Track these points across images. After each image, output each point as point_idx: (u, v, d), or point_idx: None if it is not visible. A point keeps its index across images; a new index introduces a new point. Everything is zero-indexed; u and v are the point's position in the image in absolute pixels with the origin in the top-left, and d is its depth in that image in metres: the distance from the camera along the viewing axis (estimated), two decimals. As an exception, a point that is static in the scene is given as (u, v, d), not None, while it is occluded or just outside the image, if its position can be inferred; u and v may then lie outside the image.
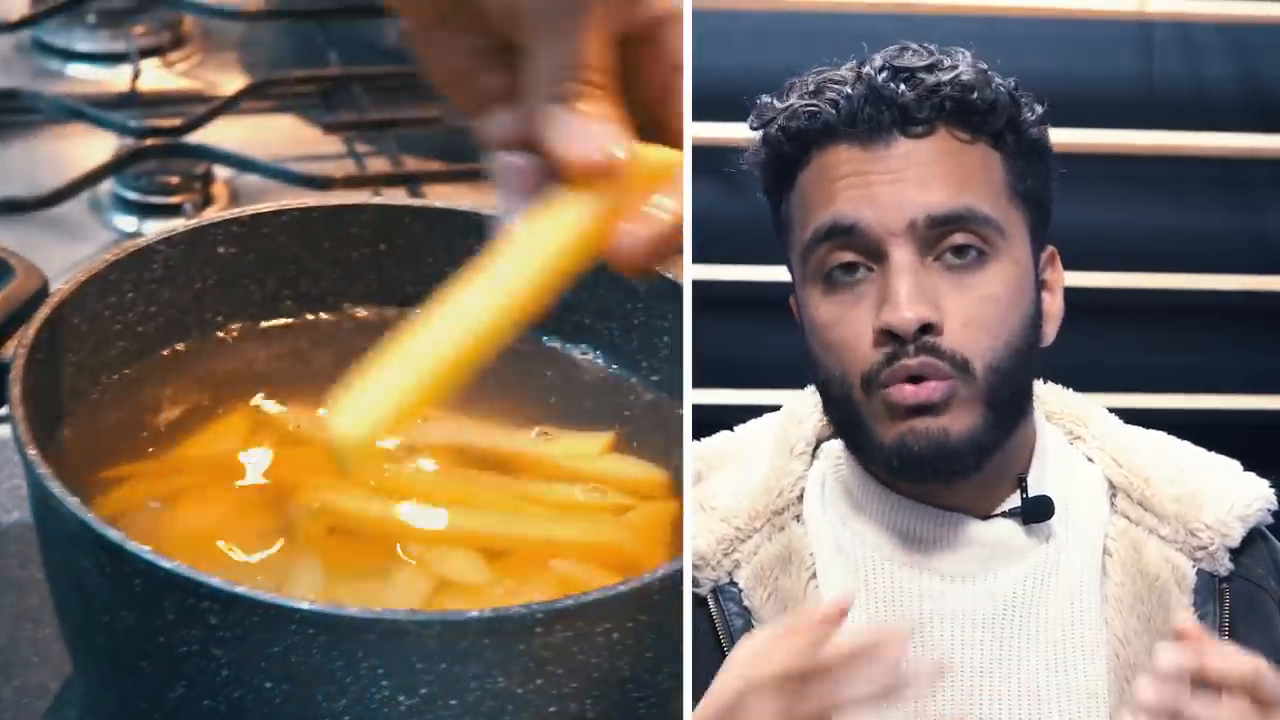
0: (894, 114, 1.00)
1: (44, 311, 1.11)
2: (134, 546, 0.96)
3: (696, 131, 1.50)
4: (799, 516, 1.05)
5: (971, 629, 1.01)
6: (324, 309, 1.26)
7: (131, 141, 1.66)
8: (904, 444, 0.99)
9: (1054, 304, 1.05)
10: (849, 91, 1.00)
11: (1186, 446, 1.08)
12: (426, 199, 1.60)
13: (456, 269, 1.26)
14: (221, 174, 1.66)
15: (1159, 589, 1.02)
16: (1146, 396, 1.56)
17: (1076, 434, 1.08)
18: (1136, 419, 1.09)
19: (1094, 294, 1.58)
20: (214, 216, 1.23)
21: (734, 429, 1.10)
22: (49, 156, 1.70)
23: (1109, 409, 1.10)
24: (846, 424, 1.02)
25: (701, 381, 1.26)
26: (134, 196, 1.62)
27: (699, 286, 1.25)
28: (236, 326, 1.24)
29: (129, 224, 1.60)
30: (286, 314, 1.25)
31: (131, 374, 1.19)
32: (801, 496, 1.06)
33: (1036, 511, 1.03)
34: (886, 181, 0.99)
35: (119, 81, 1.81)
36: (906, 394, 0.98)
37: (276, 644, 0.96)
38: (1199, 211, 1.67)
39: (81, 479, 1.10)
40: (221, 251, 1.22)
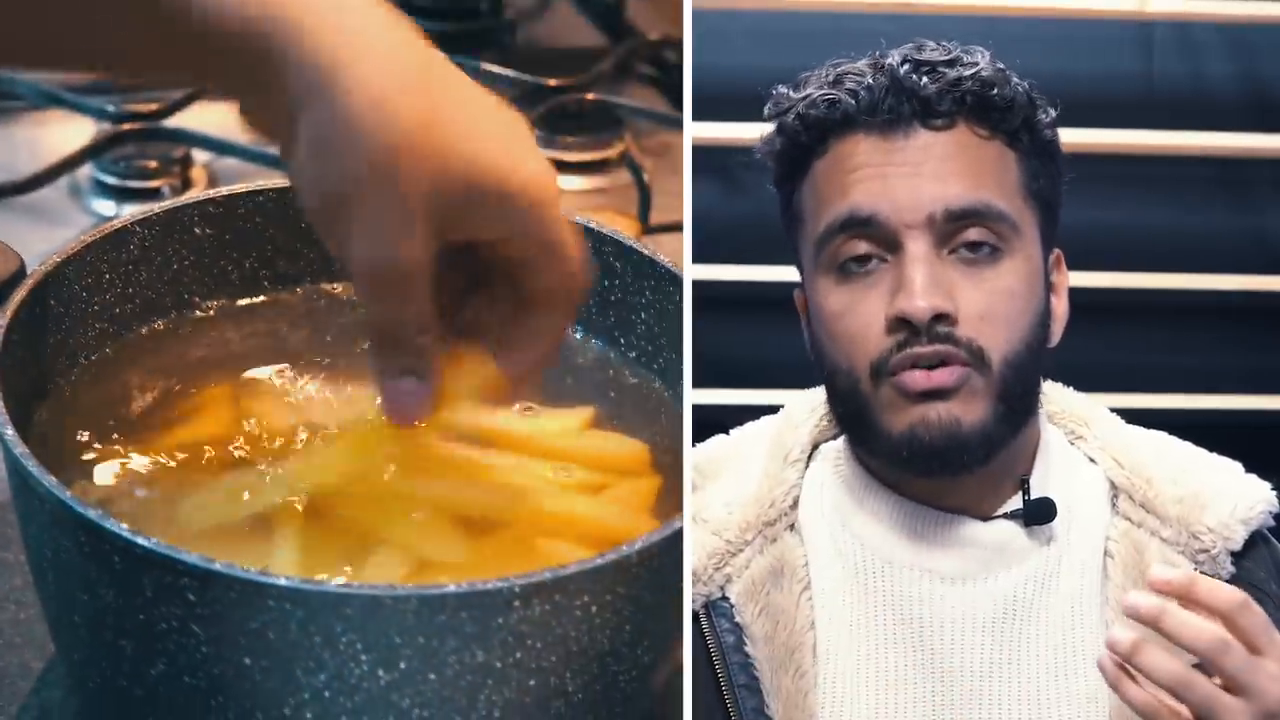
0: (915, 105, 1.00)
1: (20, 293, 1.11)
2: (112, 524, 0.96)
3: (696, 131, 1.51)
4: (793, 525, 1.05)
5: (972, 632, 1.02)
6: (300, 287, 1.26)
7: (109, 126, 1.66)
8: (914, 434, 0.99)
9: (1060, 306, 1.05)
10: (869, 82, 1.01)
11: (1189, 447, 1.08)
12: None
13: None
14: (200, 158, 1.66)
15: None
16: (1146, 396, 1.56)
17: (1079, 434, 1.08)
18: (1137, 419, 1.09)
19: (1094, 294, 1.58)
20: (190, 197, 1.23)
21: (730, 432, 1.10)
22: (27, 142, 1.71)
23: (1109, 409, 1.10)
24: (853, 417, 1.02)
25: (701, 381, 1.27)
26: (112, 181, 1.62)
27: (699, 287, 1.26)
28: (214, 306, 1.24)
29: (108, 208, 1.60)
30: (264, 293, 1.25)
31: (109, 354, 1.19)
32: (796, 504, 1.05)
33: (1039, 514, 1.03)
34: (905, 174, 1.00)
35: (97, 67, 1.80)
36: (919, 379, 0.98)
37: (255, 620, 0.96)
38: (1199, 211, 1.67)
39: (60, 460, 1.10)
40: (198, 232, 1.22)
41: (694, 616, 1.03)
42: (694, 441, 1.09)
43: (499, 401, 1.09)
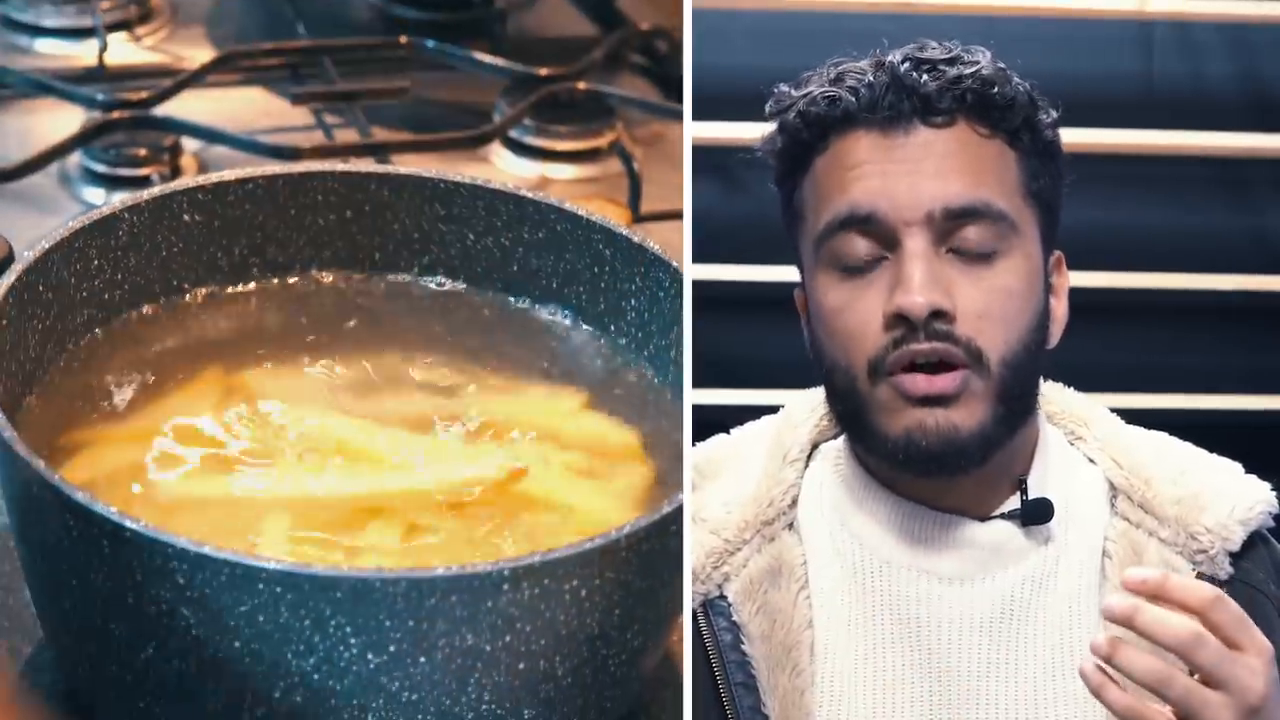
0: (915, 103, 1.00)
1: (9, 279, 1.11)
2: (101, 507, 0.97)
3: (696, 131, 1.51)
4: (791, 524, 1.04)
5: (970, 632, 1.01)
6: (290, 275, 1.26)
7: (99, 115, 1.65)
8: (911, 438, 0.99)
9: (1059, 308, 1.05)
10: (870, 79, 1.01)
11: (1188, 448, 1.08)
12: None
13: (422, 235, 1.27)
14: (190, 146, 1.66)
15: None
16: (1146, 396, 1.56)
17: (1078, 434, 1.07)
18: (1137, 419, 1.09)
19: (1094, 294, 1.58)
20: (180, 184, 1.23)
21: (730, 431, 1.10)
22: (16, 130, 1.70)
23: (1109, 409, 1.10)
24: (851, 416, 1.02)
25: (701, 381, 1.27)
26: (102, 169, 1.62)
27: (699, 287, 1.26)
28: (203, 293, 1.24)
29: (97, 196, 1.60)
30: (253, 280, 1.25)
31: (98, 340, 1.19)
32: (795, 503, 1.05)
33: (1036, 514, 1.02)
34: (905, 171, 1.00)
35: (86, 56, 1.80)
36: (919, 384, 0.98)
37: (244, 603, 0.96)
38: (1199, 211, 1.67)
39: (48, 444, 1.10)
40: (187, 219, 1.22)
41: (691, 615, 1.03)
42: (693, 441, 1.09)
43: None
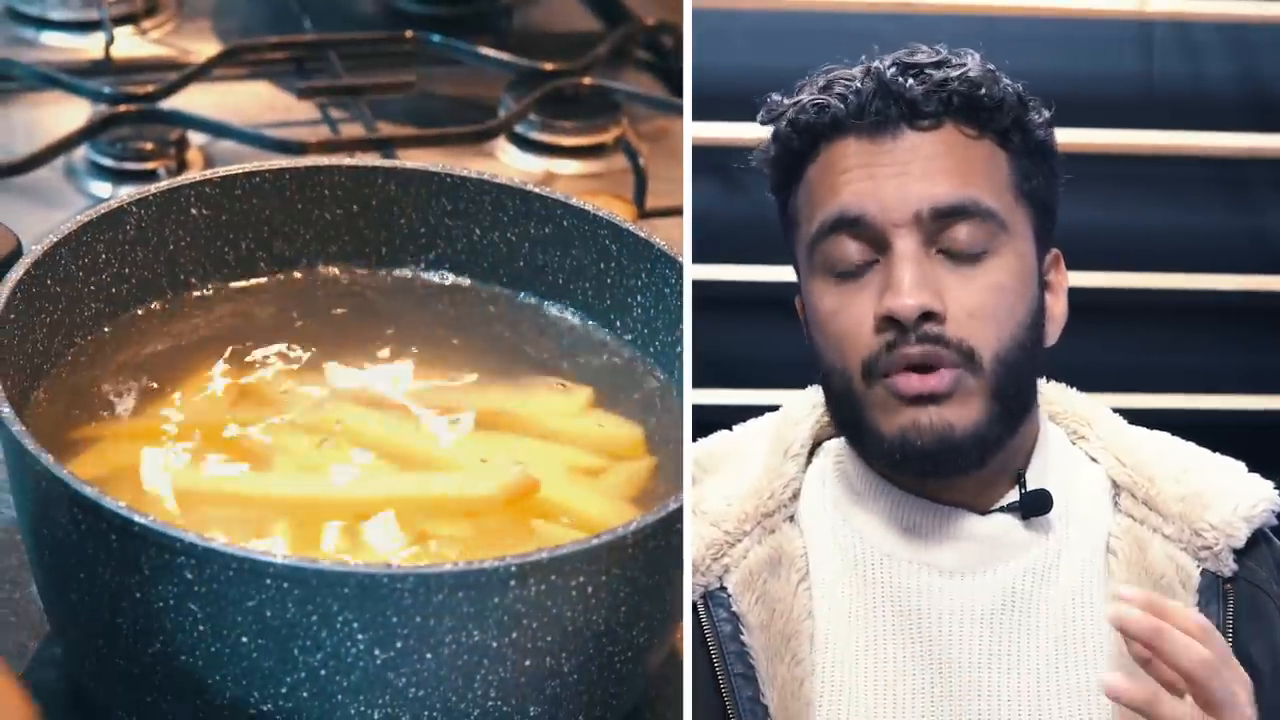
0: (901, 108, 1.00)
1: (16, 273, 1.12)
2: (109, 502, 0.97)
3: (696, 131, 1.51)
4: (792, 517, 1.05)
5: (970, 624, 1.01)
6: (297, 269, 1.26)
7: (105, 108, 1.65)
8: (906, 438, 0.99)
9: (1058, 306, 1.05)
10: (858, 86, 1.01)
11: (1191, 447, 1.08)
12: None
13: (428, 229, 1.27)
14: (196, 140, 1.66)
15: (1163, 588, 1.02)
16: (1147, 396, 1.56)
17: (1080, 434, 1.08)
18: (1138, 419, 1.09)
19: (1094, 294, 1.58)
20: (187, 178, 1.23)
21: (732, 428, 1.10)
22: (24, 123, 1.70)
23: (1110, 409, 1.09)
24: (847, 417, 1.02)
25: (701, 381, 1.27)
26: (108, 162, 1.62)
27: (699, 286, 1.26)
28: (210, 286, 1.24)
29: (103, 190, 1.60)
30: (260, 274, 1.25)
31: (105, 335, 1.19)
32: (796, 497, 1.05)
33: (1034, 505, 1.03)
34: (892, 173, 1.00)
35: (93, 49, 1.80)
36: (913, 383, 0.98)
37: (251, 598, 0.96)
38: (1199, 211, 1.67)
39: (57, 439, 1.10)
40: (194, 212, 1.23)
41: (691, 606, 1.03)
42: (694, 441, 1.09)
43: None
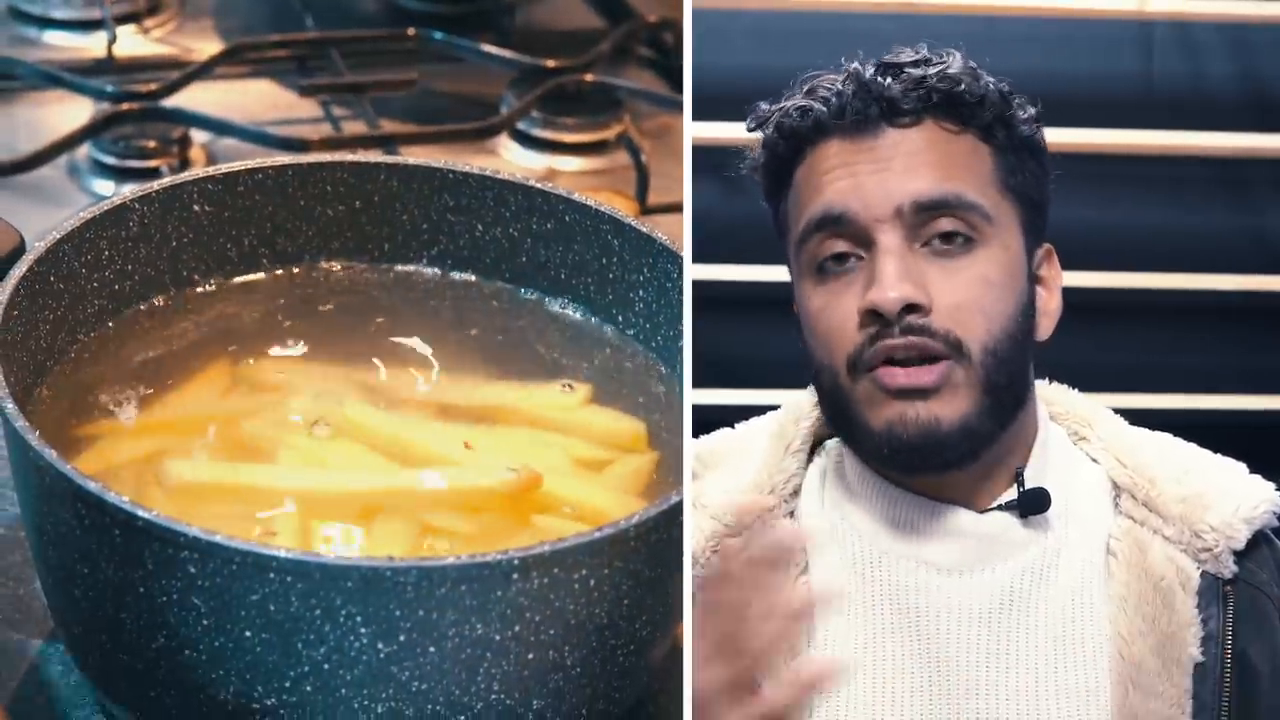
0: (881, 106, 1.01)
1: (20, 269, 1.12)
2: (113, 497, 0.97)
3: (696, 131, 1.51)
4: (792, 513, 1.05)
5: (968, 622, 1.01)
6: (299, 265, 1.26)
7: (108, 106, 1.66)
8: (892, 431, 0.99)
9: (1051, 301, 1.05)
10: (839, 88, 1.02)
11: (1192, 448, 1.08)
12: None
13: (431, 225, 1.28)
14: (199, 138, 1.66)
15: (1163, 590, 1.02)
16: (1147, 396, 1.56)
17: (1081, 434, 1.08)
18: (1138, 419, 1.09)
19: (1094, 294, 1.57)
20: (190, 174, 1.23)
21: (734, 426, 1.11)
22: (27, 122, 1.71)
23: (1110, 409, 1.09)
24: (837, 413, 1.02)
25: (701, 381, 1.27)
26: (111, 160, 1.62)
27: (699, 286, 1.26)
28: (213, 283, 1.24)
29: (106, 188, 1.60)
30: (262, 270, 1.25)
31: (109, 331, 1.19)
32: (796, 493, 1.06)
33: (1032, 504, 1.02)
34: (874, 170, 1.00)
35: (96, 48, 1.81)
36: (898, 377, 0.98)
37: (255, 592, 0.96)
38: (1199, 211, 1.67)
39: (60, 435, 1.10)
40: (197, 209, 1.23)
41: (692, 598, 1.03)
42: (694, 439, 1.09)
43: None
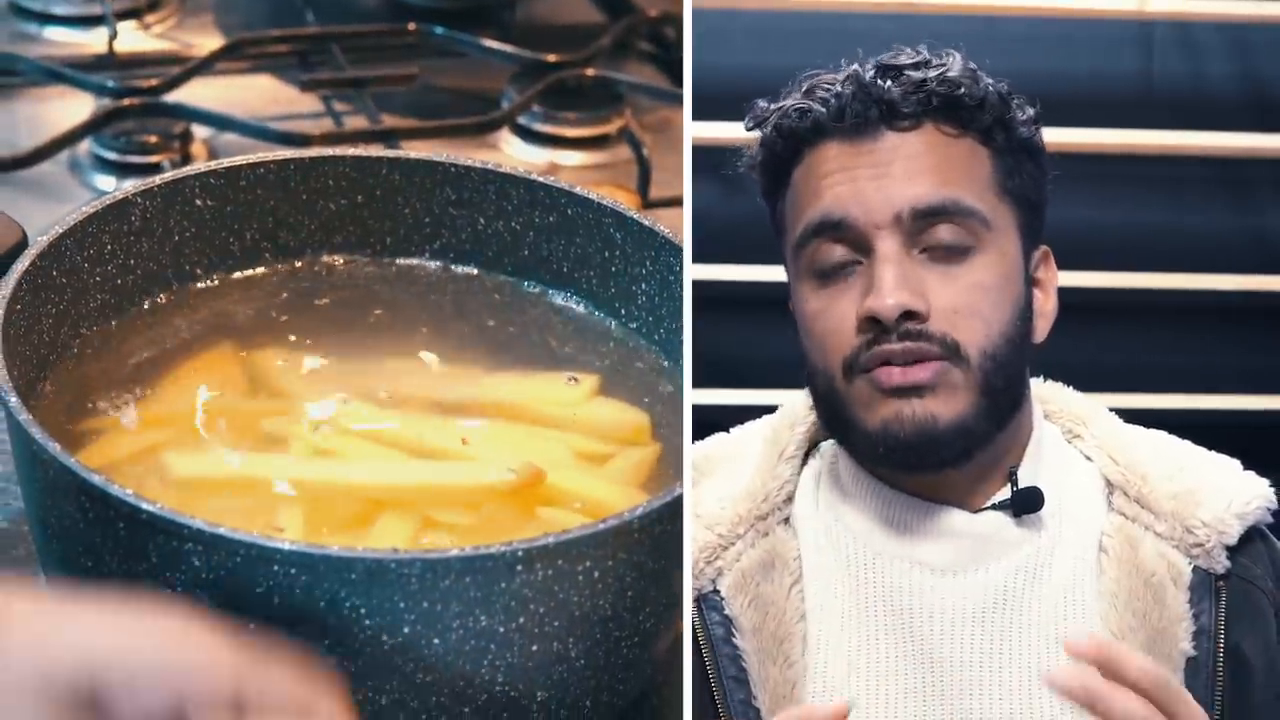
0: (881, 109, 1.01)
1: (23, 264, 1.12)
2: (117, 490, 0.97)
3: (696, 131, 1.51)
4: (787, 519, 1.05)
5: (962, 623, 1.01)
6: (301, 259, 1.26)
7: (109, 101, 1.65)
8: (888, 429, 0.99)
9: (1047, 302, 1.05)
10: (839, 90, 1.02)
11: (1186, 445, 1.08)
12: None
13: (433, 219, 1.28)
14: (200, 133, 1.66)
15: (1155, 586, 1.02)
16: (1146, 396, 1.56)
17: (1075, 432, 1.08)
18: (1136, 419, 1.09)
19: (1093, 294, 1.57)
20: (192, 169, 1.23)
21: (730, 430, 1.11)
22: (27, 118, 1.70)
23: (1108, 408, 1.09)
24: (832, 416, 1.02)
25: (701, 381, 1.27)
26: (112, 156, 1.62)
27: (699, 287, 1.26)
28: (215, 278, 1.24)
29: (108, 183, 1.60)
30: (264, 264, 1.26)
31: (111, 325, 1.19)
32: (790, 499, 1.06)
33: (1026, 503, 1.03)
34: (873, 175, 1.00)
35: (96, 43, 1.80)
36: (894, 375, 0.98)
37: (259, 584, 0.96)
38: (1199, 211, 1.67)
39: (63, 429, 1.10)
40: (199, 204, 1.23)
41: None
42: (694, 440, 1.09)
43: None
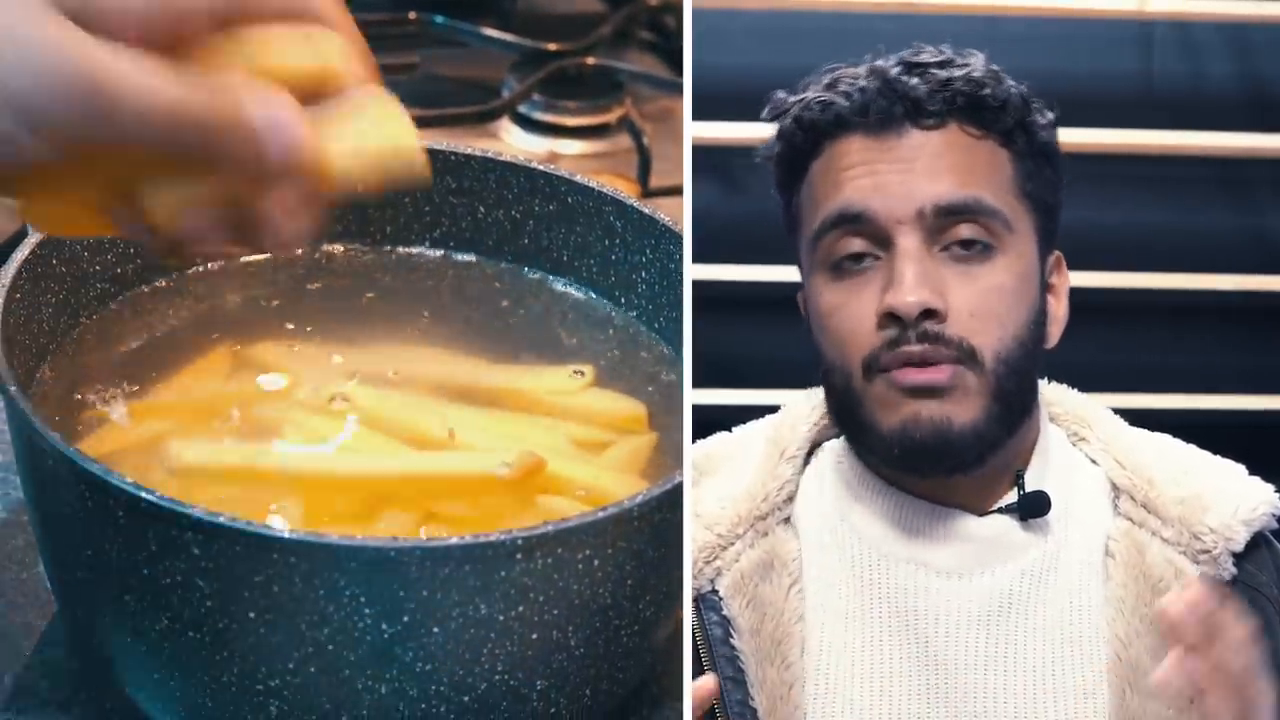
0: (906, 106, 1.01)
1: (22, 252, 1.12)
2: (116, 478, 0.97)
3: (696, 131, 1.51)
4: (787, 519, 1.05)
5: (967, 626, 1.02)
6: (301, 247, 1.26)
7: (109, 91, 1.65)
8: (905, 431, 0.99)
9: (1059, 308, 1.05)
10: (863, 84, 1.02)
11: (1192, 450, 1.08)
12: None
13: (433, 207, 1.28)
14: (199, 122, 1.66)
15: (1161, 591, 1.02)
16: (1146, 396, 1.56)
17: (1081, 435, 1.08)
18: (1137, 419, 1.09)
19: (1094, 294, 1.57)
20: (191, 157, 1.23)
21: (732, 430, 1.11)
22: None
23: (1109, 409, 1.10)
24: (847, 414, 1.02)
25: (701, 381, 1.27)
26: (112, 145, 1.62)
27: (699, 287, 1.26)
28: (216, 265, 1.24)
29: (108, 172, 1.60)
30: (264, 252, 1.25)
31: (111, 314, 1.19)
32: (791, 499, 1.06)
33: (1033, 507, 1.03)
34: (897, 171, 1.00)
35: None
36: (911, 375, 0.99)
37: (259, 574, 0.96)
38: (1199, 211, 1.67)
39: (63, 417, 1.10)
40: (199, 192, 1.22)
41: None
42: (694, 440, 1.09)
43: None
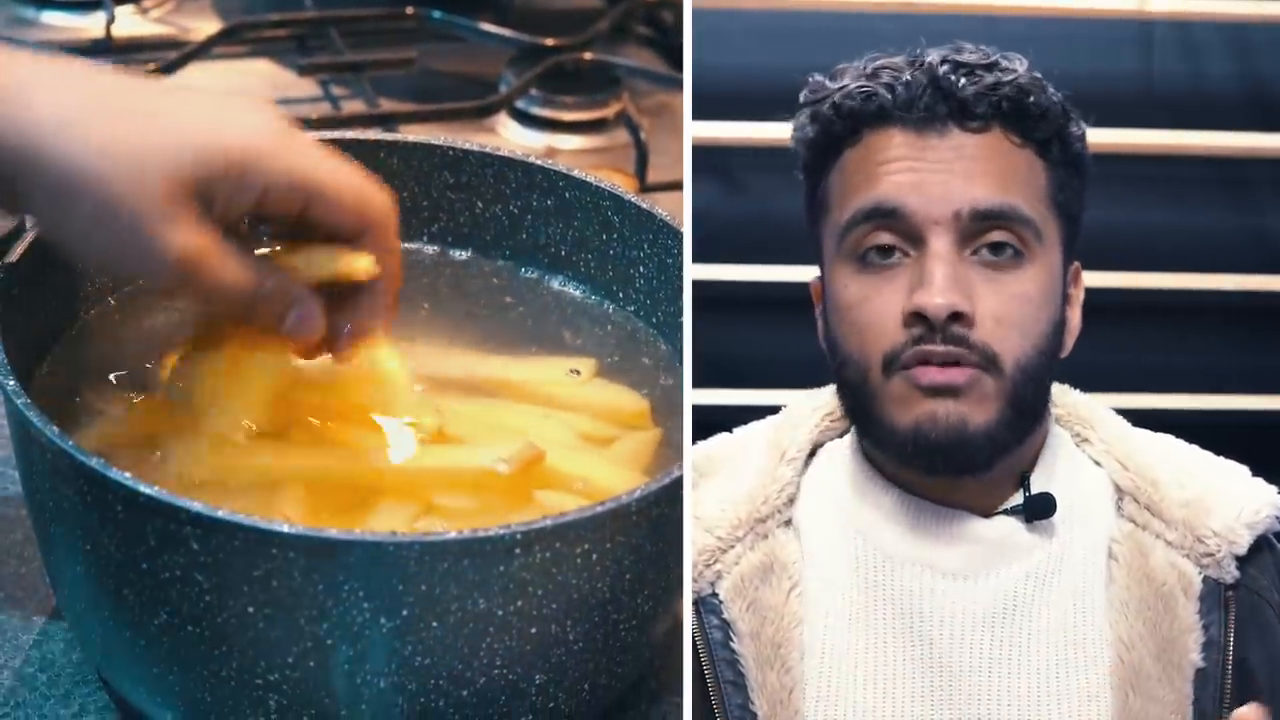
0: (952, 106, 1.01)
1: (21, 247, 1.12)
2: (115, 473, 0.97)
3: (696, 131, 1.51)
4: (788, 522, 1.05)
5: (971, 628, 1.01)
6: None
7: (107, 87, 1.65)
8: (920, 429, 0.99)
9: (1074, 318, 1.05)
10: (907, 78, 1.01)
11: (1195, 451, 1.08)
12: (402, 138, 1.60)
13: (430, 203, 1.28)
14: (198, 118, 1.66)
15: (1164, 595, 1.02)
16: (1147, 397, 1.55)
17: (1084, 437, 1.08)
18: (1138, 419, 1.09)
19: (1094, 294, 1.56)
20: (190, 153, 1.23)
21: (733, 430, 1.10)
22: (25, 103, 1.70)
23: (1111, 409, 1.10)
24: (861, 409, 1.02)
25: (702, 381, 1.27)
26: (110, 141, 1.62)
27: (699, 287, 1.26)
28: (214, 262, 1.24)
29: (106, 168, 1.60)
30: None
31: (109, 308, 1.19)
32: (791, 502, 1.05)
33: (1038, 509, 1.03)
34: (936, 170, 1.00)
35: (94, 28, 1.81)
36: (931, 374, 0.98)
37: (258, 568, 0.96)
38: (1199, 211, 1.66)
39: (62, 412, 1.10)
40: (198, 187, 1.22)
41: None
42: (694, 441, 1.09)
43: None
